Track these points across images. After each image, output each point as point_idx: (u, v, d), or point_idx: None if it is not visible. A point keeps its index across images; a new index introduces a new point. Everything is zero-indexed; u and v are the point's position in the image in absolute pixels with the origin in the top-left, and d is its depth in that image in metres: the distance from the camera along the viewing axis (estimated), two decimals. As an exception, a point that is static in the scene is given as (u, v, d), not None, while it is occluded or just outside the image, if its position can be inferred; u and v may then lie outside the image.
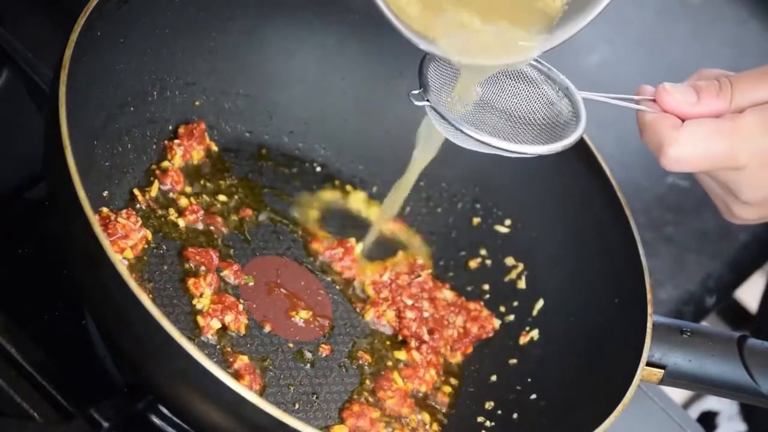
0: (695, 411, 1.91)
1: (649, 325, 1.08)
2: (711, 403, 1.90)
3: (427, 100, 1.04)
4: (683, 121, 1.02)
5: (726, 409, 1.89)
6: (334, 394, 1.10)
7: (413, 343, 1.16)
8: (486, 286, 1.24)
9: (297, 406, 1.08)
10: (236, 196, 1.19)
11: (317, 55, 1.25)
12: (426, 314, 1.17)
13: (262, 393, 1.06)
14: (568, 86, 1.06)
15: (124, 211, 1.09)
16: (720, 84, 1.03)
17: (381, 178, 1.26)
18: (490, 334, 1.20)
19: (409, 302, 1.17)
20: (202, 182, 1.17)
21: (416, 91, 1.04)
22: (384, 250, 1.22)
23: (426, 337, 1.16)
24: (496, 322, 1.20)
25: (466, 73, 1.04)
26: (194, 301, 1.08)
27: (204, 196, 1.17)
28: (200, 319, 1.07)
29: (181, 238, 1.12)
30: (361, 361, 1.13)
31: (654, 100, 1.03)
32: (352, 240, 1.19)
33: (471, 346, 1.19)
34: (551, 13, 1.01)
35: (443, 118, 1.03)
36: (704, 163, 1.02)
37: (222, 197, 1.18)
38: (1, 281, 1.07)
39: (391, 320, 1.17)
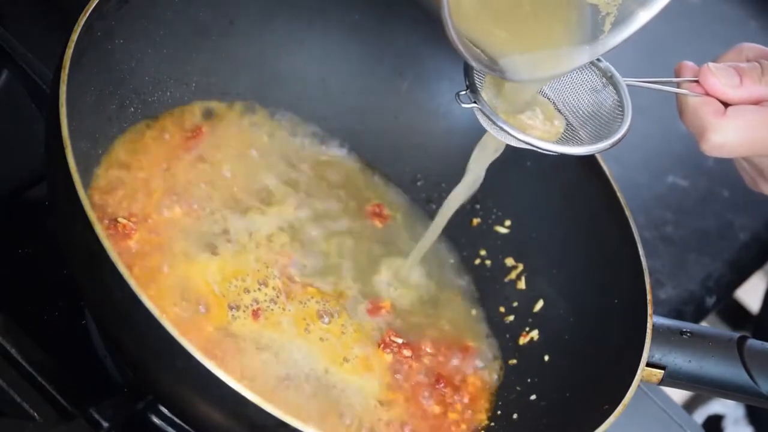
0: (701, 415, 1.91)
1: (649, 325, 1.08)
2: (716, 406, 1.90)
3: (475, 102, 1.02)
4: (724, 104, 1.03)
5: (731, 412, 1.89)
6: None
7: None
8: (486, 287, 1.24)
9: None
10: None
11: (317, 56, 1.25)
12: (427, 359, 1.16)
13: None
14: (612, 74, 1.06)
15: (124, 211, 1.10)
16: (762, 68, 1.04)
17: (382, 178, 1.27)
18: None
19: (399, 341, 1.15)
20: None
21: (463, 92, 1.03)
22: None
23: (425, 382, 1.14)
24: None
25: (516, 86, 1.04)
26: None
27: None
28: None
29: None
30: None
31: (696, 81, 1.04)
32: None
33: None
34: (601, 21, 1.01)
35: (492, 120, 1.02)
36: (744, 150, 1.04)
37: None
38: (1, 281, 1.07)
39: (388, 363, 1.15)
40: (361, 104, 1.27)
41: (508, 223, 1.25)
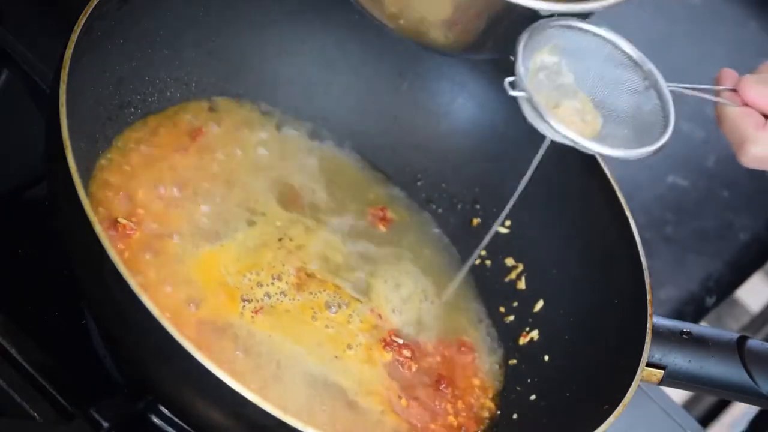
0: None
1: (649, 325, 1.08)
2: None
3: (523, 91, 0.99)
4: (765, 116, 1.02)
5: None
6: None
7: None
8: (486, 287, 1.23)
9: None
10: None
11: (317, 56, 1.25)
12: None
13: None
14: (656, 77, 1.03)
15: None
16: None
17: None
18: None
19: (400, 341, 1.15)
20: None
21: (511, 78, 1.00)
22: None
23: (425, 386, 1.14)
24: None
25: None
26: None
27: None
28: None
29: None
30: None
31: (735, 90, 1.03)
32: None
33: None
34: None
35: (536, 110, 0.99)
36: None
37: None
38: (1, 281, 1.07)
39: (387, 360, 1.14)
40: (361, 104, 1.27)
41: (508, 223, 1.24)
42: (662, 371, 1.08)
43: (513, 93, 1.00)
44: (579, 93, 1.03)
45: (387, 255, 1.21)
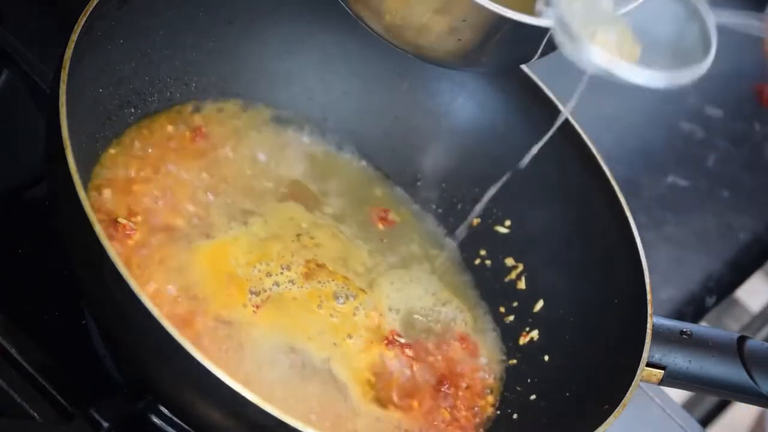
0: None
1: (649, 325, 1.08)
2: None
3: (555, 18, 0.94)
4: None
5: None
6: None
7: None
8: (486, 287, 1.24)
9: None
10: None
11: (317, 56, 1.25)
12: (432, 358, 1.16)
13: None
14: (698, 5, 0.99)
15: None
16: None
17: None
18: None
19: (402, 340, 1.15)
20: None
21: (542, 5, 0.96)
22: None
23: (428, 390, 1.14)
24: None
25: None
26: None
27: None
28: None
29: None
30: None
31: None
32: None
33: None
34: None
35: (572, 36, 0.94)
36: None
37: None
38: (1, 281, 1.07)
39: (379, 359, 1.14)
40: (361, 104, 1.27)
41: (508, 223, 1.25)
42: (662, 371, 1.08)
43: (544, 22, 0.94)
44: (618, 22, 0.99)
45: (392, 257, 1.22)
